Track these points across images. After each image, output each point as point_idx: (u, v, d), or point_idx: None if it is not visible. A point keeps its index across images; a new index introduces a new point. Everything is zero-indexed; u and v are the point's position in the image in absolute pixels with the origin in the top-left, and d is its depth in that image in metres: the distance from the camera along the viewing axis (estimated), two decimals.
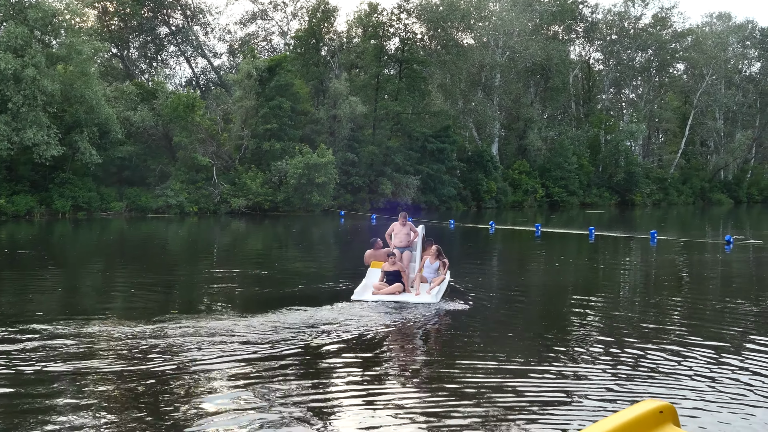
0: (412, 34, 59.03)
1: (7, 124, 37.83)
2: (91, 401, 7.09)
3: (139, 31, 60.72)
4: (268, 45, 70.02)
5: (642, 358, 8.97)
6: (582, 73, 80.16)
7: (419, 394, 7.54)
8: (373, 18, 57.45)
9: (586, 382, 7.96)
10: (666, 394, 7.45)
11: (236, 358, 8.77)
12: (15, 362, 8.47)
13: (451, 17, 60.36)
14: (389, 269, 13.68)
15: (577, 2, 74.58)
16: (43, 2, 40.40)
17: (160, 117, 47.18)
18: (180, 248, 26.17)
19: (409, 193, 54.45)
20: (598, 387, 7.76)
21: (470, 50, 63.60)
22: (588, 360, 8.96)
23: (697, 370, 8.46)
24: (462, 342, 10.02)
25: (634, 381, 7.97)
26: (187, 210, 45.13)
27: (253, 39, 68.93)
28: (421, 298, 13.07)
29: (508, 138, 72.44)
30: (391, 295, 13.16)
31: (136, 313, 11.67)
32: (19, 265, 19.26)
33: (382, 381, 8.04)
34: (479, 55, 63.44)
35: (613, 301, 13.88)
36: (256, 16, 68.85)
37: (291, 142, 48.80)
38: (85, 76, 40.82)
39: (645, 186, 74.77)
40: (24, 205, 39.33)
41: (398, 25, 57.89)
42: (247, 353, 8.98)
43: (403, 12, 57.67)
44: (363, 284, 13.86)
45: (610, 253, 24.79)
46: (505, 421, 6.66)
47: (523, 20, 66.14)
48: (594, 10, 77.32)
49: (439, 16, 59.82)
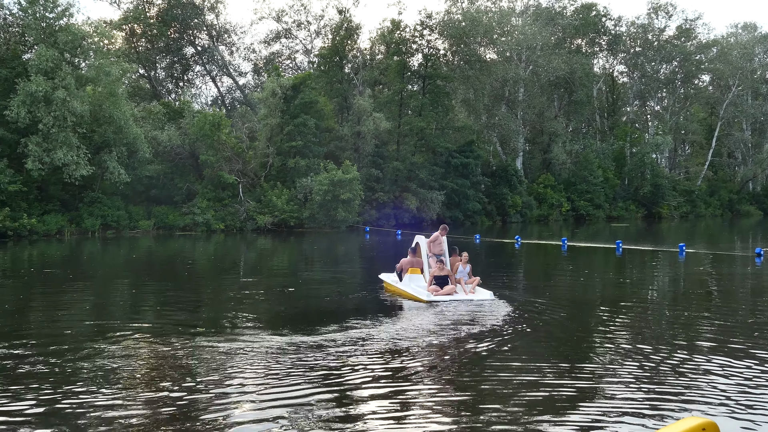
0: (435, 50, 59.25)
1: (38, 145, 38.51)
2: (120, 416, 7.18)
3: (166, 52, 61.61)
4: (293, 63, 70.69)
5: (677, 375, 8.88)
6: (606, 86, 79.81)
7: (449, 402, 7.53)
8: (396, 35, 57.78)
9: (621, 399, 7.88)
10: (705, 412, 7.37)
11: (266, 372, 8.82)
12: (41, 381, 8.60)
13: (473, 32, 60.48)
14: (439, 274, 15.62)
15: (600, 15, 74.34)
16: (72, 25, 41.17)
17: (187, 136, 47.76)
18: (207, 265, 26.38)
19: (434, 208, 54.43)
20: (634, 404, 7.69)
21: (493, 65, 63.63)
22: (622, 376, 8.88)
23: (735, 386, 8.35)
24: (492, 357, 9.98)
25: (671, 398, 7.89)
26: (213, 227, 45.50)
27: (277, 57, 69.63)
28: (478, 295, 15.15)
29: (532, 152, 72.21)
30: (447, 296, 15.05)
31: (164, 329, 11.78)
32: (46, 283, 19.54)
33: (418, 387, 8.03)
34: (502, 69, 63.43)
35: (643, 315, 13.75)
36: (280, 35, 69.59)
37: (316, 159, 49.09)
38: (113, 96, 41.47)
39: (672, 198, 74.02)
40: (54, 224, 39.91)
41: (421, 41, 58.16)
42: (276, 367, 9.03)
43: (425, 28, 57.95)
44: (413, 288, 15.55)
45: (638, 267, 24.55)
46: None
47: (545, 34, 66.11)
48: (617, 23, 77.07)
49: (461, 31, 59.96)
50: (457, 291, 15.48)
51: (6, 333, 11.76)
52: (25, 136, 39.01)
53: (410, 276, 16.21)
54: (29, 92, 37.73)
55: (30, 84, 37.80)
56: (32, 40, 41.36)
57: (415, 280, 16.09)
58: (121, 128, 41.79)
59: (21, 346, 10.66)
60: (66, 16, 41.37)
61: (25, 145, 38.78)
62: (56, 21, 41.14)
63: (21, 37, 42.23)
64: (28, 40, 41.93)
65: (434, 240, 16.88)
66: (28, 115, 38.20)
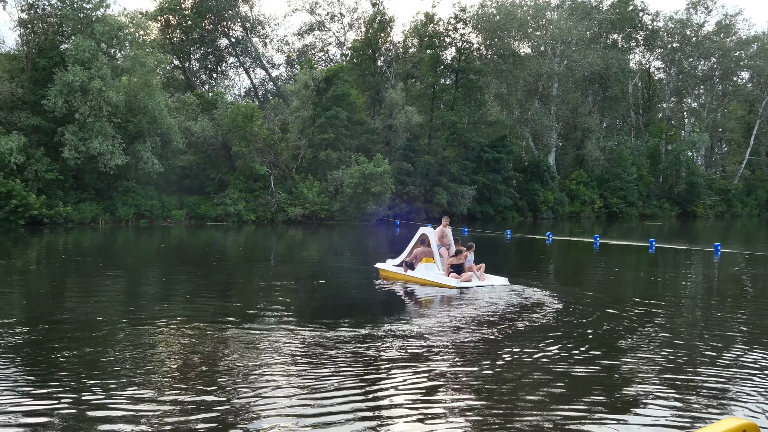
0: (468, 44, 58.89)
1: (74, 134, 39.10)
2: (149, 401, 7.22)
3: (200, 43, 62.09)
4: (325, 55, 70.81)
5: (715, 375, 8.69)
6: (642, 82, 78.73)
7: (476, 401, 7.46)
8: (429, 28, 57.56)
9: (658, 399, 7.73)
10: (745, 413, 7.20)
11: (295, 361, 8.82)
12: (71, 366, 8.69)
13: (507, 26, 60.02)
14: (457, 263, 16.78)
15: (638, 10, 73.26)
16: (109, 16, 41.67)
17: (220, 127, 48.13)
18: (238, 256, 26.54)
19: (465, 203, 54.21)
20: (672, 404, 7.54)
21: (527, 59, 63.09)
22: (657, 374, 8.72)
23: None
24: (520, 354, 9.86)
25: (710, 399, 7.72)
26: (244, 218, 45.83)
27: (310, 50, 69.79)
28: (492, 280, 16.56)
29: (565, 148, 71.56)
30: (467, 282, 16.21)
31: (193, 317, 11.84)
32: (78, 270, 19.80)
33: (451, 376, 7.97)
34: (536, 64, 62.85)
35: (678, 313, 13.51)
36: (313, 27, 69.71)
37: (347, 152, 49.16)
38: (148, 87, 41.94)
39: (707, 197, 72.90)
40: (89, 212, 40.50)
41: (454, 34, 57.84)
42: (306, 357, 9.03)
43: (459, 22, 57.60)
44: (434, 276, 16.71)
45: (672, 266, 24.18)
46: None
47: (581, 29, 65.35)
48: (655, 18, 75.91)
49: (495, 25, 59.53)
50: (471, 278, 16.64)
51: (40, 317, 11.94)
52: (61, 125, 39.65)
53: (426, 265, 17.15)
54: (66, 82, 38.29)
55: (67, 74, 38.35)
56: (70, 31, 41.96)
57: (431, 269, 17.09)
58: (155, 118, 42.25)
59: (54, 331, 10.81)
60: (103, 7, 41.92)
61: (62, 134, 39.42)
62: (93, 12, 41.70)
63: (59, 28, 42.85)
64: (65, 30, 42.54)
65: (443, 232, 18.07)
66: (65, 104, 38.79)
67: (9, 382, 7.91)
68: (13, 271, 19.69)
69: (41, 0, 42.28)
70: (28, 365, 8.78)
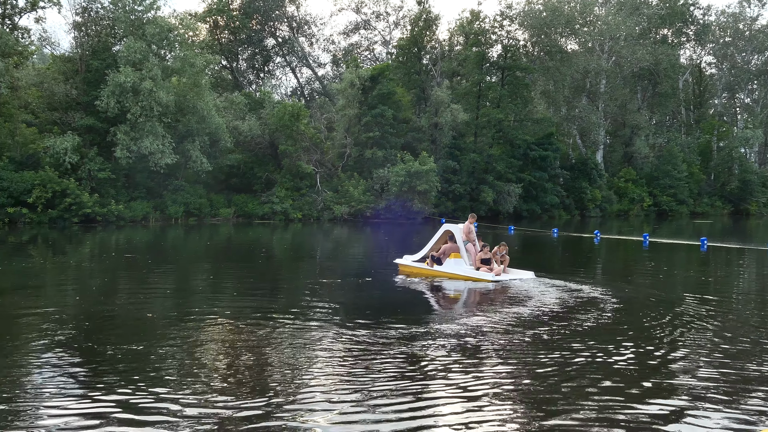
0: (514, 41, 58.45)
1: (126, 134, 39.95)
2: (197, 399, 7.38)
3: (248, 44, 62.79)
4: (371, 54, 70.97)
5: (761, 381, 8.53)
6: (693, 78, 77.07)
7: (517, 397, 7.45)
8: (475, 25, 57.29)
9: (703, 403, 7.63)
10: None
11: (342, 362, 8.92)
12: (121, 361, 8.93)
13: (554, 23, 59.38)
14: (485, 257, 17.55)
15: (688, 4, 71.71)
16: (159, 18, 42.43)
17: (267, 126, 48.65)
18: (284, 253, 26.83)
19: (511, 201, 53.82)
20: (716, 409, 7.44)
21: (574, 56, 62.33)
22: (704, 380, 8.59)
23: None
24: (568, 354, 9.80)
25: (755, 405, 7.59)
26: (291, 216, 46.25)
27: (356, 48, 70.05)
28: (518, 274, 17.32)
29: (613, 145, 70.48)
30: (500, 276, 16.98)
31: (241, 314, 12.05)
32: (129, 267, 20.26)
33: (495, 372, 7.98)
34: (584, 60, 62.05)
35: (727, 315, 13.24)
36: (359, 26, 69.97)
37: (393, 150, 49.22)
38: (197, 87, 42.59)
39: (761, 195, 71.14)
40: (140, 210, 41.33)
41: (500, 32, 57.47)
42: (352, 356, 9.12)
43: (505, 19, 57.24)
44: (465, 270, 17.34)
45: (724, 265, 23.68)
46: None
47: (630, 24, 64.24)
48: (706, 12, 74.28)
49: (542, 22, 58.95)
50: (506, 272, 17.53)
51: (92, 313, 12.28)
52: (114, 126, 40.57)
53: (455, 260, 17.86)
54: (118, 83, 39.12)
55: (119, 75, 39.18)
56: (121, 33, 42.87)
57: (460, 263, 17.78)
58: (203, 118, 42.92)
59: (105, 327, 11.12)
60: (153, 9, 42.70)
61: (114, 134, 40.33)
62: (144, 14, 42.51)
63: (111, 30, 43.81)
64: (117, 32, 43.48)
65: (469, 228, 18.49)
66: (117, 105, 39.64)
67: (63, 376, 8.17)
68: (67, 268, 20.25)
69: (94, 3, 43.30)
70: (81, 359, 9.04)
